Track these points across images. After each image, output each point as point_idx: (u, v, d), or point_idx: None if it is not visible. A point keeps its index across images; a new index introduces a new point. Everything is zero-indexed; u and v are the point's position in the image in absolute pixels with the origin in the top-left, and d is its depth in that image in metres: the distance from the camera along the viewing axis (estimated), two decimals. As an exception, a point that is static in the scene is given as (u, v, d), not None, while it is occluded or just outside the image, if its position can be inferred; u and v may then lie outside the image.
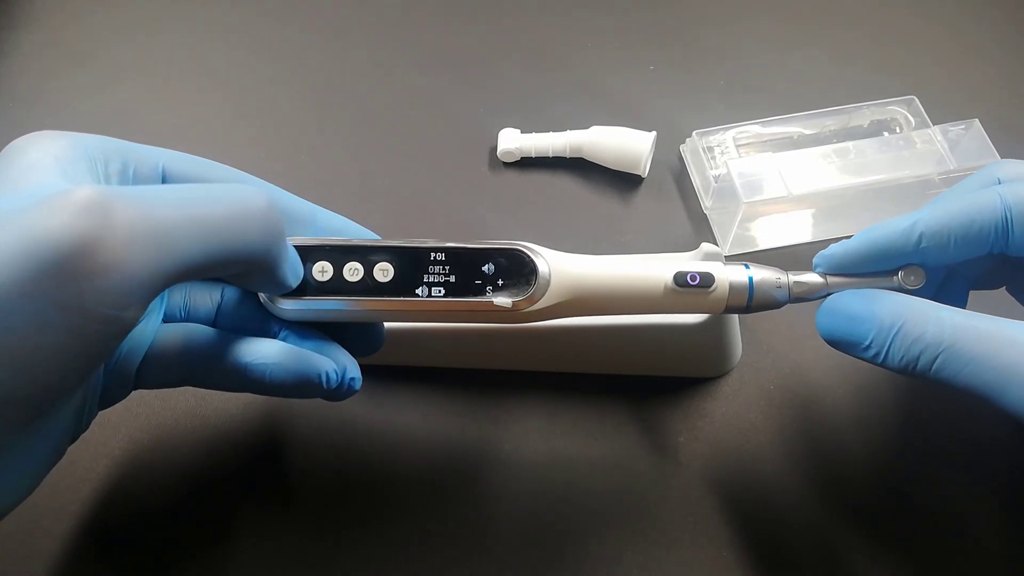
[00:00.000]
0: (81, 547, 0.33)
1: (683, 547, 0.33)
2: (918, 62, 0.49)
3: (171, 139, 0.26)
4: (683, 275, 0.28)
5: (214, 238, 0.21)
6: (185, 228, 0.20)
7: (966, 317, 0.24)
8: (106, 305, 0.18)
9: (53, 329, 0.18)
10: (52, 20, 0.52)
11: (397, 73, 0.49)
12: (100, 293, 0.18)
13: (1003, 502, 0.34)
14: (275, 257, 0.23)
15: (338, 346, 0.28)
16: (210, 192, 0.22)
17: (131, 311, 0.19)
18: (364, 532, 0.34)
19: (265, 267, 0.23)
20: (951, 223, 0.26)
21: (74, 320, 0.18)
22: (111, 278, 0.18)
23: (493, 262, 0.27)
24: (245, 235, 0.21)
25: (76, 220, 0.18)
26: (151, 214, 0.19)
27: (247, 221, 0.22)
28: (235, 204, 0.22)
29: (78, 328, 0.18)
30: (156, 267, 0.19)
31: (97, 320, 0.18)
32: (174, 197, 0.21)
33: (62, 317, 0.18)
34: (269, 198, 0.22)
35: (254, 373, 0.25)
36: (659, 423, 0.36)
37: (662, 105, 0.47)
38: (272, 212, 0.22)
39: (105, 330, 0.19)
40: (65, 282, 0.18)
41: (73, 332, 0.18)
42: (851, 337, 0.26)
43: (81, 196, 0.18)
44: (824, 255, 0.28)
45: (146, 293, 0.19)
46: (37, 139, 0.22)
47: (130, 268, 0.18)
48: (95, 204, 0.18)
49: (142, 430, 0.36)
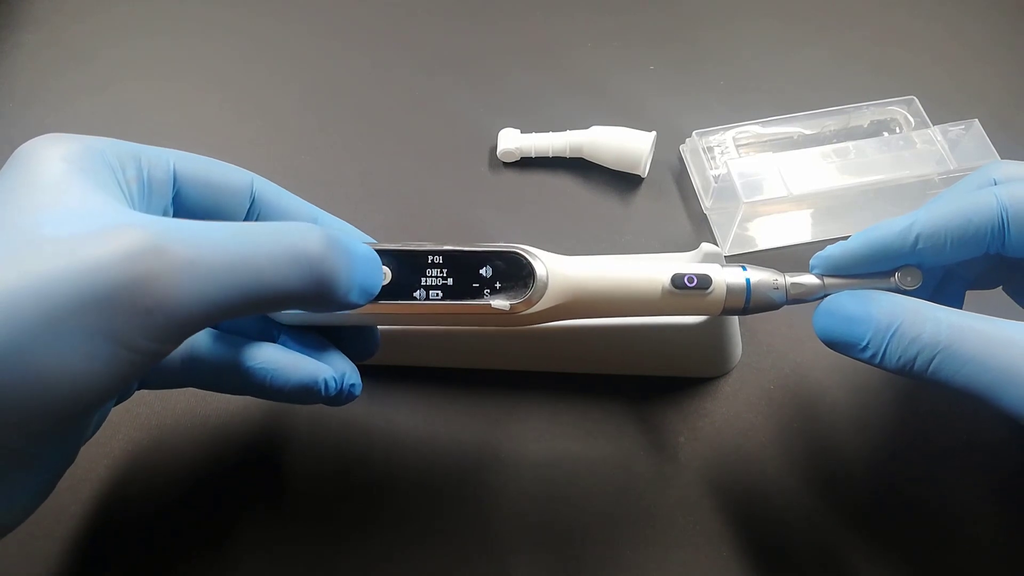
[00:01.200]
0: (81, 547, 0.33)
1: (683, 547, 0.33)
2: (918, 62, 0.49)
3: (171, 139, 0.26)
4: (680, 277, 0.28)
5: (255, 286, 0.21)
6: (230, 275, 0.20)
7: (963, 317, 0.24)
8: (148, 339, 0.19)
9: (97, 356, 0.19)
10: (52, 20, 0.51)
11: (397, 73, 0.49)
12: (144, 329, 0.19)
13: (1002, 502, 0.34)
14: (327, 297, 0.23)
15: (338, 352, 0.28)
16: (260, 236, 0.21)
17: (170, 345, 0.20)
18: (364, 532, 0.34)
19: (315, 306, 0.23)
20: (947, 224, 0.26)
21: (117, 350, 0.19)
22: (157, 317, 0.19)
23: (490, 265, 0.27)
24: (288, 283, 0.21)
25: (132, 261, 0.19)
26: (200, 259, 0.20)
27: (293, 268, 0.21)
28: (283, 251, 0.21)
29: (119, 357, 0.19)
30: (198, 310, 0.20)
31: (138, 351, 0.19)
32: (223, 240, 0.21)
33: (107, 346, 0.19)
34: (323, 241, 0.22)
35: (255, 377, 0.26)
36: (659, 423, 0.36)
37: (662, 105, 0.47)
38: (321, 256, 0.22)
39: (142, 360, 0.20)
40: (115, 316, 0.18)
41: (114, 360, 0.19)
42: (848, 338, 0.26)
43: (137, 236, 0.19)
44: (821, 256, 0.28)
45: (187, 331, 0.20)
46: (50, 143, 0.22)
47: (176, 310, 0.19)
48: (151, 246, 0.19)
49: (142, 430, 0.36)
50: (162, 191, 0.24)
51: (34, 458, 0.21)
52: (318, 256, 0.22)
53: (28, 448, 0.20)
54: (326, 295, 0.22)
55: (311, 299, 0.22)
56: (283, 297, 0.21)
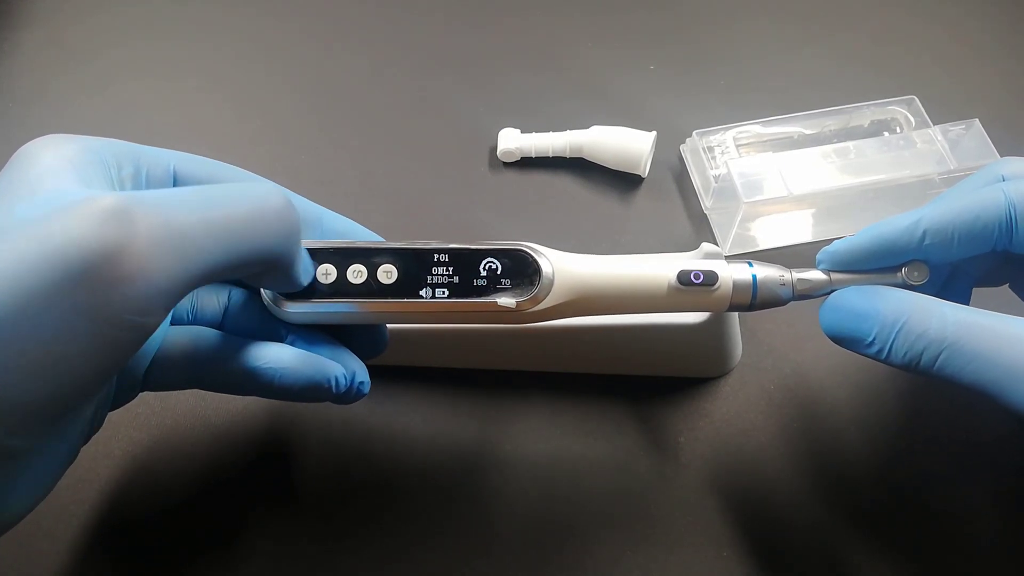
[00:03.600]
0: (81, 548, 0.33)
1: (683, 547, 0.33)
2: (918, 62, 0.49)
3: (171, 139, 0.26)
4: (687, 274, 0.28)
5: (235, 240, 0.21)
6: (206, 232, 0.20)
7: (969, 313, 0.24)
8: (130, 312, 0.18)
9: (78, 336, 0.18)
10: (52, 20, 0.51)
11: (397, 73, 0.49)
12: (124, 300, 0.18)
13: (1005, 501, 0.34)
14: (292, 255, 0.23)
15: (347, 350, 0.28)
16: (228, 193, 0.22)
17: (154, 317, 0.19)
18: (365, 531, 0.34)
19: (282, 265, 0.23)
20: (955, 220, 0.26)
21: (99, 327, 0.18)
22: (135, 286, 0.18)
23: (496, 263, 0.27)
24: (265, 235, 0.22)
25: (101, 228, 0.18)
26: (173, 220, 0.19)
27: (266, 221, 0.22)
28: (254, 204, 0.22)
29: (102, 335, 0.18)
30: (179, 273, 0.19)
31: (121, 327, 0.18)
32: (194, 200, 0.21)
33: (87, 325, 0.18)
34: (286, 196, 0.23)
35: (264, 378, 0.25)
36: (659, 423, 0.36)
37: (662, 105, 0.47)
38: (289, 210, 0.22)
39: (128, 336, 0.19)
40: (90, 290, 0.18)
41: (97, 339, 0.18)
42: (854, 333, 0.26)
43: (105, 204, 0.18)
44: (828, 252, 0.28)
45: (169, 299, 0.19)
46: (48, 143, 0.22)
47: (154, 275, 0.19)
48: (119, 212, 0.18)
49: (142, 430, 0.36)
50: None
51: (25, 452, 0.20)
52: (285, 208, 0.22)
53: (14, 441, 0.19)
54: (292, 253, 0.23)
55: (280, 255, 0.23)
56: (260, 252, 0.22)
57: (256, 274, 0.23)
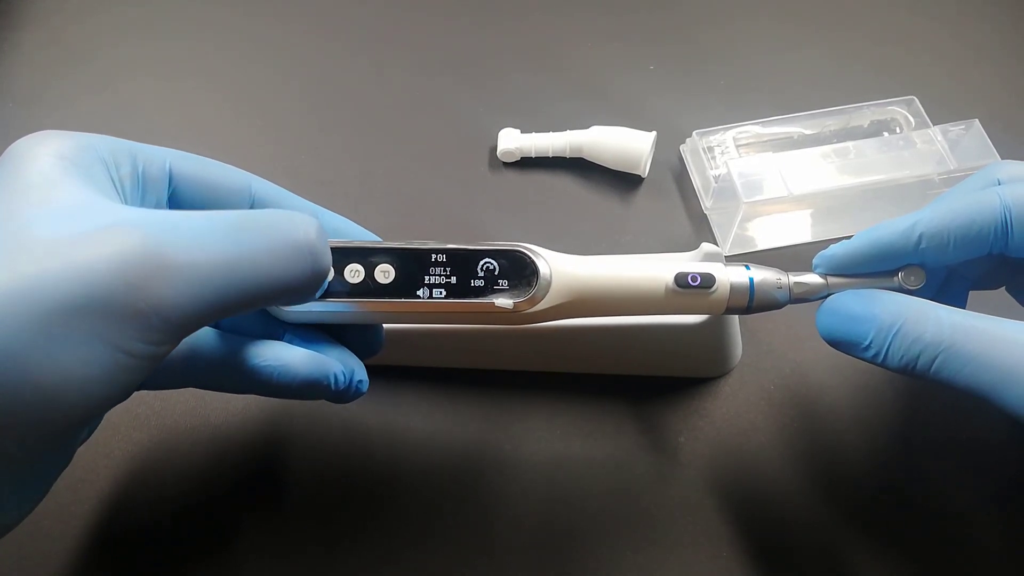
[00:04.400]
0: (81, 548, 0.33)
1: (683, 547, 0.33)
2: (918, 62, 0.49)
3: (171, 139, 0.26)
4: (684, 276, 0.28)
5: (253, 283, 0.21)
6: (228, 275, 0.20)
7: (965, 317, 0.24)
8: (145, 342, 0.19)
9: (95, 362, 0.18)
10: (52, 19, 0.51)
11: (397, 73, 0.49)
12: (141, 331, 0.19)
13: (1003, 502, 0.34)
14: (317, 286, 0.23)
15: (344, 348, 0.28)
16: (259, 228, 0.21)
17: (168, 346, 0.20)
18: (365, 532, 0.34)
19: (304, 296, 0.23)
20: (951, 224, 0.26)
21: (114, 354, 0.18)
22: (152, 319, 0.19)
23: (494, 263, 0.27)
24: (288, 276, 0.21)
25: (127, 263, 0.18)
26: (198, 262, 0.19)
27: (295, 260, 0.21)
28: (286, 244, 0.21)
29: (117, 362, 0.19)
30: (194, 311, 0.20)
31: (135, 355, 0.19)
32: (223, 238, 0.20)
33: (104, 351, 0.18)
34: (319, 231, 0.22)
35: (263, 375, 0.25)
36: (659, 423, 0.36)
37: (662, 105, 0.47)
38: (322, 247, 0.22)
39: (141, 365, 0.19)
40: (110, 319, 0.18)
41: (112, 365, 0.19)
42: (851, 337, 0.26)
43: (135, 240, 0.19)
44: (824, 255, 0.28)
45: (181, 332, 0.20)
46: (43, 140, 0.22)
47: (171, 312, 0.19)
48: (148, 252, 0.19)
49: (141, 430, 0.36)
50: (157, 188, 0.24)
51: (30, 463, 0.20)
52: (319, 247, 0.22)
53: (23, 455, 0.19)
54: (318, 284, 0.23)
55: (305, 289, 0.22)
56: (282, 290, 0.21)
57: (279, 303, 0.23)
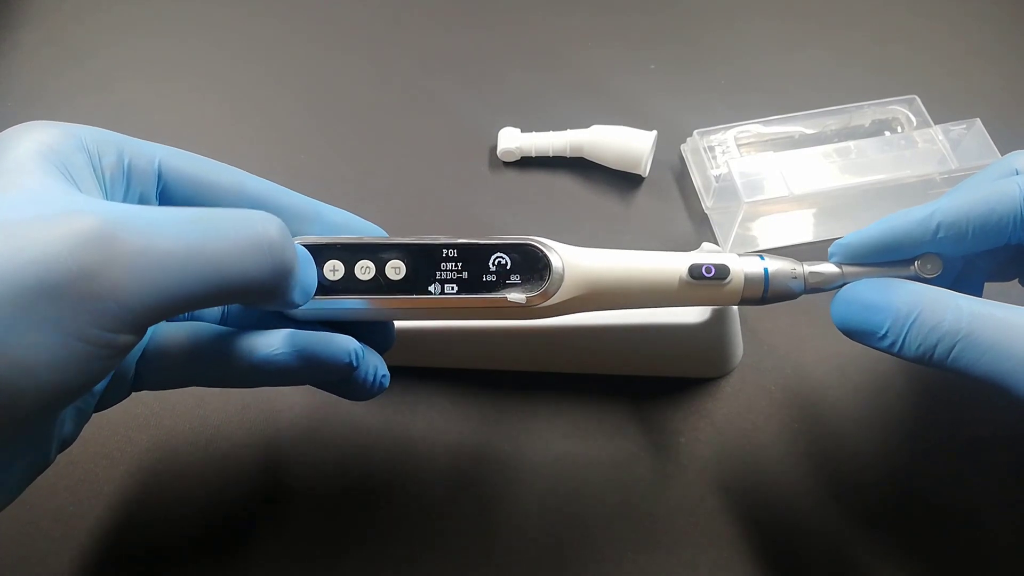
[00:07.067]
0: (81, 548, 0.33)
1: (684, 548, 0.33)
2: (919, 61, 0.49)
3: (170, 139, 0.26)
4: (698, 267, 0.27)
5: (218, 273, 0.20)
6: (186, 262, 0.20)
7: (984, 305, 0.24)
8: (101, 328, 0.18)
9: (47, 348, 0.18)
10: (51, 19, 0.51)
11: (397, 73, 0.49)
12: (95, 316, 0.18)
13: (1006, 500, 0.34)
14: (283, 288, 0.22)
15: (365, 346, 0.27)
16: (220, 222, 0.21)
17: (126, 337, 0.19)
18: (365, 533, 0.34)
19: (269, 298, 0.22)
20: (969, 213, 0.26)
21: (68, 340, 0.18)
22: (106, 305, 0.18)
23: (506, 257, 0.27)
24: (253, 270, 0.21)
25: (80, 251, 0.18)
26: (154, 247, 0.19)
27: (256, 256, 0.21)
28: (244, 238, 0.21)
29: (71, 348, 0.18)
30: (153, 300, 0.19)
31: (91, 342, 0.18)
32: (182, 227, 0.20)
33: (57, 337, 0.18)
34: (282, 230, 0.22)
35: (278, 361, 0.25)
36: (660, 424, 0.36)
37: (663, 104, 0.47)
38: (281, 244, 0.22)
39: (104, 353, 0.19)
40: (61, 304, 0.18)
41: (66, 351, 0.18)
42: (867, 326, 0.26)
43: (87, 224, 0.18)
44: (840, 244, 0.28)
45: (141, 321, 0.19)
46: (29, 129, 0.21)
47: (127, 299, 0.19)
48: (102, 237, 0.18)
49: (141, 431, 0.36)
50: (143, 182, 0.24)
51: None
52: (279, 244, 0.21)
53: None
54: (281, 286, 0.22)
55: (268, 290, 0.22)
56: (243, 286, 0.21)
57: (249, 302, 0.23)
